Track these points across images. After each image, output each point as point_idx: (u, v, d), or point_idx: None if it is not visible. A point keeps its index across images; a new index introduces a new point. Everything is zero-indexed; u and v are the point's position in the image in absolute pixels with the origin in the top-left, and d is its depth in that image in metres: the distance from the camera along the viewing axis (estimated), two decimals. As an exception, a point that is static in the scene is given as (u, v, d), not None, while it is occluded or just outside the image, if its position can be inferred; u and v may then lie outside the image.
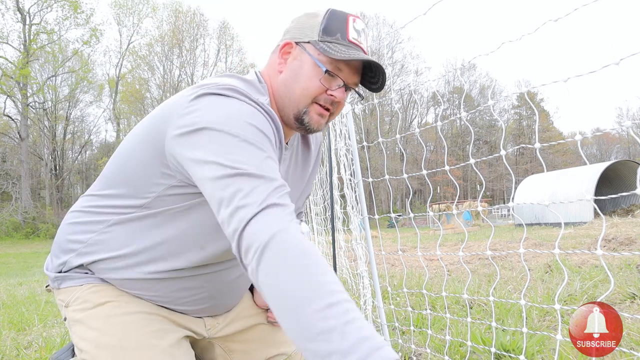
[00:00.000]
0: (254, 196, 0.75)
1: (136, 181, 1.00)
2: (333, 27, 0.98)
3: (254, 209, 0.74)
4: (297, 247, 0.71)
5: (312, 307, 0.65)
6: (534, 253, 5.37)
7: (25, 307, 4.14)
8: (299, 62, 1.00)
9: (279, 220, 0.74)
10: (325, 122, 1.04)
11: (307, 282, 0.68)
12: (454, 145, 52.59)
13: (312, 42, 0.99)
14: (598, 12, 75.43)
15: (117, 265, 1.04)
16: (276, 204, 0.76)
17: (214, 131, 0.82)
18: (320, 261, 0.71)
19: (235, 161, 0.79)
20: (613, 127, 30.29)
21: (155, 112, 0.98)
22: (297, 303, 0.66)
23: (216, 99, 0.87)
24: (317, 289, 0.67)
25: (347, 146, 2.42)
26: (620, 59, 1.09)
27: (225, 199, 0.77)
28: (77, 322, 1.05)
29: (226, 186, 0.77)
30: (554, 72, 69.25)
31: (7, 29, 36.58)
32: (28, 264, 14.60)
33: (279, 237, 0.71)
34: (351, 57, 0.95)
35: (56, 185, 40.56)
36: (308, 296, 0.66)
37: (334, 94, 0.99)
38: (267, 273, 0.70)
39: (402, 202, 47.98)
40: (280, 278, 0.69)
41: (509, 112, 56.32)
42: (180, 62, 45.69)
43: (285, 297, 0.68)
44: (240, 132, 0.82)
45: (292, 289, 0.67)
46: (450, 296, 3.06)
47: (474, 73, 53.49)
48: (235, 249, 0.75)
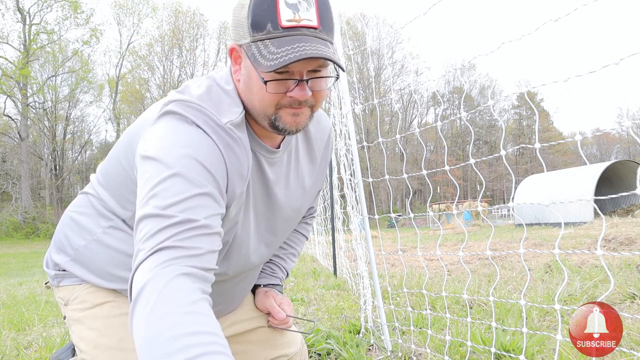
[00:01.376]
0: (152, 240, 0.73)
1: (119, 191, 1.02)
2: (261, 17, 0.81)
3: (144, 254, 0.72)
4: (160, 295, 0.66)
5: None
6: (534, 253, 5.37)
7: (25, 307, 4.13)
8: (246, 70, 0.89)
9: (156, 266, 0.70)
10: (307, 117, 0.92)
11: (155, 339, 0.62)
12: (454, 145, 52.57)
13: (244, 46, 0.86)
14: (598, 12, 75.40)
15: (108, 277, 1.05)
16: (169, 247, 0.72)
17: (156, 162, 0.81)
18: (180, 310, 0.64)
19: (158, 198, 0.77)
20: (613, 127, 30.29)
21: (136, 123, 1.00)
22: (148, 356, 0.61)
23: (173, 125, 0.86)
24: (165, 345, 0.61)
25: (347, 146, 2.42)
26: (620, 59, 1.08)
27: (136, 240, 0.76)
28: (77, 322, 1.05)
29: (143, 227, 0.76)
30: (554, 72, 69.15)
31: (7, 29, 36.73)
32: (28, 264, 14.59)
33: (147, 288, 0.68)
34: (277, 63, 0.79)
35: (56, 185, 40.55)
36: (157, 349, 0.61)
37: (293, 95, 0.86)
38: (135, 325, 0.66)
39: (402, 202, 47.97)
40: (135, 333, 0.65)
41: (509, 112, 56.35)
42: (180, 62, 45.74)
43: (141, 349, 0.63)
44: (177, 166, 0.79)
45: (141, 345, 0.63)
46: (450, 296, 3.06)
47: (474, 73, 53.52)
48: (128, 291, 0.74)
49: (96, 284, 1.06)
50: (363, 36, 41.48)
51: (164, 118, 0.88)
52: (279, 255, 1.33)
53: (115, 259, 1.03)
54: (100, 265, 1.05)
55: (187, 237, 0.74)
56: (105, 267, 1.04)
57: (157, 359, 0.60)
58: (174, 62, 45.62)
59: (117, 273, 1.04)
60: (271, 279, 1.30)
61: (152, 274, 0.69)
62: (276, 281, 1.31)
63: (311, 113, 0.93)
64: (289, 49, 0.79)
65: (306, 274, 5.55)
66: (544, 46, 76.54)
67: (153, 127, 0.88)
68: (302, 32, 0.81)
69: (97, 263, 1.05)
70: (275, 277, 1.31)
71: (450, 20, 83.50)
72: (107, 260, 1.04)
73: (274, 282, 1.30)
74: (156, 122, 0.89)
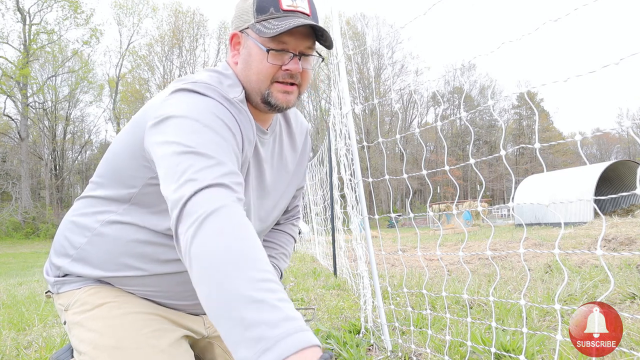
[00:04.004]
0: (205, 173, 0.77)
1: (122, 176, 1.03)
2: (265, 3, 0.98)
3: (202, 183, 0.75)
4: (239, 222, 0.72)
5: (247, 276, 0.64)
6: (534, 253, 5.37)
7: (25, 307, 4.13)
8: (246, 49, 1.02)
9: (225, 198, 0.74)
10: (295, 97, 1.05)
11: (244, 255, 0.67)
12: (454, 145, 52.58)
13: (250, 26, 1.00)
14: (598, 12, 75.44)
15: (112, 267, 1.05)
16: (225, 184, 0.77)
17: (178, 118, 0.86)
18: (257, 245, 0.71)
19: (194, 141, 0.82)
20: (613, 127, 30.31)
21: (140, 111, 1.03)
22: (231, 269, 0.65)
23: (188, 95, 0.93)
24: (254, 263, 0.67)
25: (347, 146, 2.42)
26: (620, 59, 1.09)
27: (177, 172, 0.78)
28: (76, 325, 1.05)
29: (179, 162, 0.79)
30: (554, 72, 69.26)
31: (7, 29, 36.73)
32: (28, 264, 14.59)
33: (223, 210, 0.72)
34: (281, 29, 0.93)
35: (56, 185, 40.55)
36: (244, 266, 0.65)
37: (288, 67, 0.99)
38: (203, 241, 0.69)
39: (402, 202, 47.97)
40: (217, 244, 0.68)
41: (509, 112, 56.34)
42: (180, 62, 45.73)
43: (218, 262, 0.66)
44: (203, 119, 0.87)
45: (228, 256, 0.66)
46: (450, 296, 3.06)
47: (474, 73, 53.52)
48: (174, 219, 0.75)
49: (102, 278, 1.06)
50: (363, 36, 41.51)
51: (177, 93, 0.93)
52: (271, 255, 1.34)
53: (120, 247, 1.03)
54: (104, 257, 1.05)
55: (233, 181, 0.79)
56: (110, 257, 1.05)
57: (256, 278, 0.64)
58: (174, 62, 45.65)
59: (124, 261, 1.04)
60: None
61: (223, 202, 0.73)
62: None
63: (299, 94, 1.06)
64: (290, 21, 0.95)
65: (306, 274, 5.55)
66: (544, 46, 76.62)
67: (166, 102, 0.92)
68: (298, 15, 0.99)
69: (101, 256, 1.05)
70: None
71: (450, 20, 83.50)
72: (111, 249, 1.04)
73: None
74: (168, 98, 0.93)
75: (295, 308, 1.24)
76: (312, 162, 7.16)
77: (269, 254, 1.35)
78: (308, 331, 0.61)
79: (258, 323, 0.60)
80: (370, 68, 45.40)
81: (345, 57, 2.30)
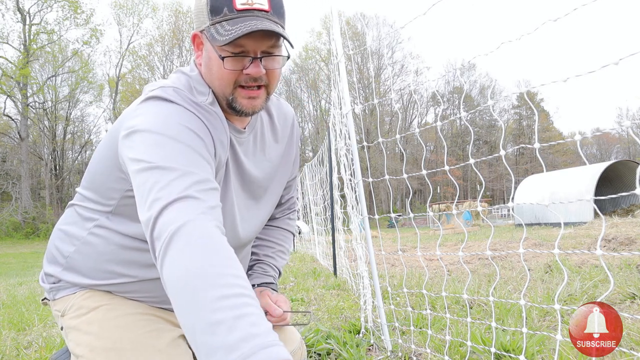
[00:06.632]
0: (169, 189, 0.77)
1: (101, 188, 1.04)
2: (219, 2, 0.91)
3: (166, 201, 0.75)
4: (201, 238, 0.71)
5: (206, 297, 0.63)
6: (534, 253, 5.37)
7: (25, 307, 4.14)
8: (206, 52, 0.98)
9: (189, 212, 0.74)
10: (263, 100, 1.00)
11: (203, 274, 0.66)
12: (454, 145, 52.58)
13: (205, 29, 0.95)
14: (598, 12, 75.39)
15: (101, 275, 1.06)
16: (190, 196, 0.77)
17: (143, 133, 0.86)
18: (225, 254, 0.70)
19: (157, 155, 0.82)
20: (613, 127, 30.30)
21: (116, 122, 1.03)
22: (192, 293, 0.65)
23: (155, 104, 0.92)
24: (214, 280, 0.66)
25: (347, 146, 2.42)
26: (620, 59, 1.09)
27: (144, 192, 0.79)
28: (73, 329, 1.05)
29: (146, 180, 0.80)
30: (554, 72, 69.15)
31: (7, 29, 36.64)
32: (28, 264, 14.59)
33: (184, 229, 0.72)
34: (232, 35, 0.88)
35: (56, 185, 40.56)
36: (201, 286, 0.65)
37: (248, 72, 0.94)
38: (167, 266, 0.70)
39: (402, 202, 47.97)
40: (178, 269, 0.68)
41: (509, 112, 56.36)
42: (180, 62, 45.68)
43: (179, 287, 0.66)
44: (168, 131, 0.86)
45: (187, 280, 0.66)
46: (450, 296, 3.06)
47: (474, 73, 53.52)
48: (149, 242, 0.76)
49: (93, 286, 1.07)
50: (363, 36, 41.50)
51: (145, 103, 0.94)
52: (268, 254, 1.33)
53: (107, 254, 1.04)
54: (93, 265, 1.06)
55: (202, 189, 0.79)
56: (99, 265, 1.05)
57: (214, 298, 0.63)
58: (174, 62, 45.61)
59: (111, 268, 1.05)
60: (264, 277, 1.30)
61: (187, 218, 0.73)
62: (269, 279, 1.31)
63: (267, 95, 1.02)
64: (242, 25, 0.89)
65: (306, 274, 5.55)
66: (543, 46, 76.61)
67: (135, 112, 0.93)
68: (255, 13, 0.91)
69: (90, 264, 1.06)
70: (268, 276, 1.31)
71: (450, 20, 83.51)
72: (99, 258, 1.05)
73: (267, 281, 1.30)
74: (137, 108, 0.94)
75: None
76: (312, 162, 7.16)
77: (265, 253, 1.34)
78: (271, 347, 0.60)
79: (215, 349, 0.59)
80: (370, 68, 45.42)
81: (345, 57, 2.30)
